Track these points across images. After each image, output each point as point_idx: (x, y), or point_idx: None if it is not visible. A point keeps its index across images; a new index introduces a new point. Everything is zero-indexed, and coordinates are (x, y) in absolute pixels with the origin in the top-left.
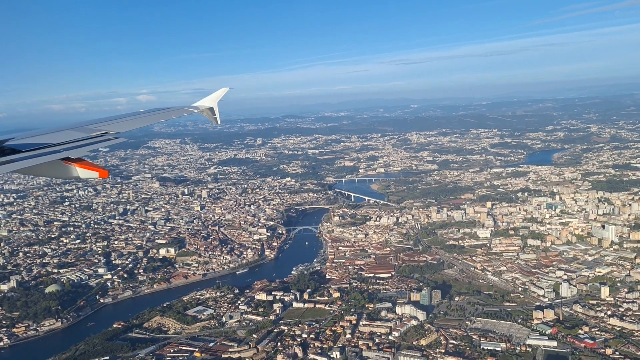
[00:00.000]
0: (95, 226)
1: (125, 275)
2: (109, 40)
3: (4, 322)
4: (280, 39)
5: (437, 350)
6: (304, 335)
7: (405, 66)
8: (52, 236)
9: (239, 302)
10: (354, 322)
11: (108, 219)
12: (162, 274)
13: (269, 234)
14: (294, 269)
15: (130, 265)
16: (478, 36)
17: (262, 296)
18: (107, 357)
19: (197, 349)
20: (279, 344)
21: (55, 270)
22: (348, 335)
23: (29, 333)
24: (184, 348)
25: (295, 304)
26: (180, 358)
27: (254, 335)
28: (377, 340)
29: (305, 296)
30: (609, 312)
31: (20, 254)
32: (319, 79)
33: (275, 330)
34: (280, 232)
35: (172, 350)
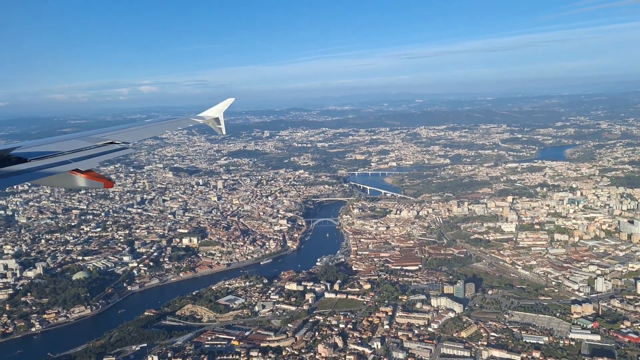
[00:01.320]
0: (115, 215)
1: (151, 264)
2: (112, 30)
3: (34, 308)
4: (283, 31)
5: (479, 342)
6: (341, 326)
7: (410, 60)
8: (72, 224)
9: (269, 291)
10: (389, 313)
11: (127, 208)
12: (187, 263)
13: (289, 225)
14: (318, 260)
15: (155, 254)
16: (483, 31)
17: (293, 286)
18: (145, 344)
19: (234, 337)
20: (317, 333)
21: (80, 258)
22: (386, 326)
23: (59, 319)
24: (220, 336)
25: (327, 295)
26: (219, 346)
27: (289, 325)
28: (416, 331)
29: (336, 287)
30: None
31: (43, 241)
32: (323, 72)
33: (311, 320)
34: (300, 223)
35: (209, 338)
